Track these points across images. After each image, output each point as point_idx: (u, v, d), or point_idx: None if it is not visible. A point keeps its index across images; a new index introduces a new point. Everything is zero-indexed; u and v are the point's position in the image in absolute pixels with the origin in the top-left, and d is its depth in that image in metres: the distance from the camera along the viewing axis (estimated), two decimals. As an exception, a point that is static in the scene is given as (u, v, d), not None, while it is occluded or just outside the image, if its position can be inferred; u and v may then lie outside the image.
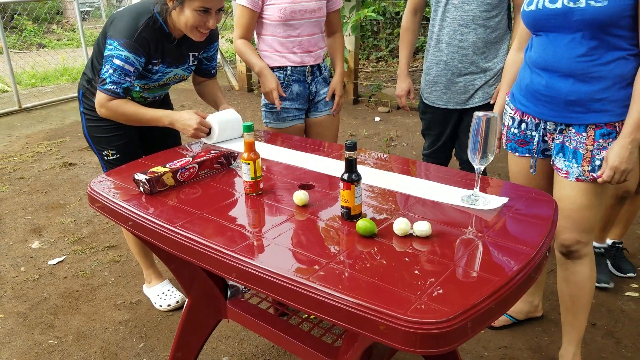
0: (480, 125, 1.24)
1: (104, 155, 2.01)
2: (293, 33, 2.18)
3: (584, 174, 1.58)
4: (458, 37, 2.14)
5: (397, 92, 2.44)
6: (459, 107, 2.26)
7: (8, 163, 4.12)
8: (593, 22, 1.45)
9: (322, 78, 2.33)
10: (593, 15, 1.44)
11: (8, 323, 2.23)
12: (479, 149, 1.26)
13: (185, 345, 1.73)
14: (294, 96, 2.27)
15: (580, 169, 1.59)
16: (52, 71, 7.47)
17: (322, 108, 2.36)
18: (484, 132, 1.24)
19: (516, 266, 1.04)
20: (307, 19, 2.18)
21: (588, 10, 1.45)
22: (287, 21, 2.15)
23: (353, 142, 1.22)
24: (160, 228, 1.27)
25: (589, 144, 1.56)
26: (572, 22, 1.49)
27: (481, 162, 1.29)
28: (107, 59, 1.77)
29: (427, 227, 1.16)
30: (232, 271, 1.13)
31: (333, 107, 2.34)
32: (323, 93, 2.34)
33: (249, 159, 1.41)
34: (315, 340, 1.44)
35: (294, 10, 2.13)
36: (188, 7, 1.72)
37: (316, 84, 2.31)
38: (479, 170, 1.32)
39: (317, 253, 1.13)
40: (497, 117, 1.24)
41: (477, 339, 2.05)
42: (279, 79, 2.23)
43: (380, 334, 0.94)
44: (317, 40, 2.26)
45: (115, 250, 2.78)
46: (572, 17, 1.48)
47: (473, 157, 1.29)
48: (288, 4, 2.11)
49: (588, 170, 1.58)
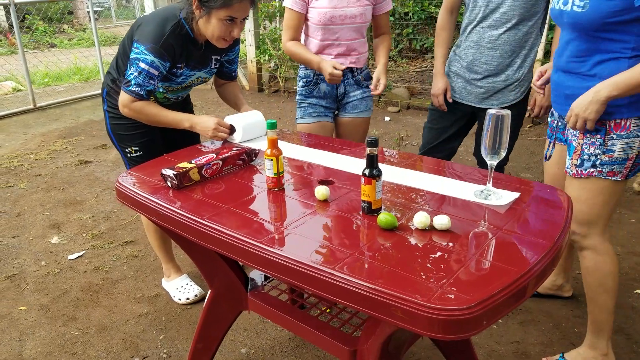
0: (492, 122, 1.29)
1: (127, 153, 2.07)
2: (331, 37, 2.23)
3: (571, 168, 1.68)
4: (487, 37, 2.14)
5: (434, 91, 2.37)
6: (474, 105, 2.28)
7: (25, 160, 4.20)
8: (576, 25, 1.55)
9: (354, 80, 2.34)
10: (575, 19, 1.54)
11: (31, 315, 2.29)
12: (492, 145, 1.32)
13: (206, 336, 1.78)
14: (321, 94, 2.33)
15: (569, 162, 1.69)
16: (65, 70, 7.57)
17: (350, 110, 2.38)
18: (497, 129, 1.30)
19: (533, 258, 1.09)
20: (347, 25, 2.21)
21: (572, 14, 1.55)
22: (326, 25, 2.19)
23: (374, 139, 1.27)
24: (189, 220, 1.33)
25: (580, 137, 1.65)
26: (564, 24, 1.61)
27: (493, 157, 1.34)
28: (133, 61, 1.83)
29: (447, 220, 1.21)
30: (259, 261, 1.19)
31: (373, 86, 2.23)
32: (353, 95, 2.35)
33: (272, 155, 1.46)
34: (334, 331, 1.48)
35: (334, 15, 2.17)
36: (215, 16, 1.77)
37: (346, 85, 2.34)
38: (492, 165, 1.37)
39: (340, 244, 1.18)
40: (509, 115, 1.30)
41: (489, 333, 2.09)
42: (309, 77, 2.31)
43: (403, 320, 0.99)
44: (356, 45, 2.28)
45: (133, 245, 2.85)
46: (563, 19, 1.60)
47: (485, 152, 1.34)
48: (329, 9, 2.16)
49: (576, 164, 1.67)
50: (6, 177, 3.86)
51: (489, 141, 1.32)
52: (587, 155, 1.63)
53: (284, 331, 2.13)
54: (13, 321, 2.25)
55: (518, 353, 1.99)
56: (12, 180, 3.79)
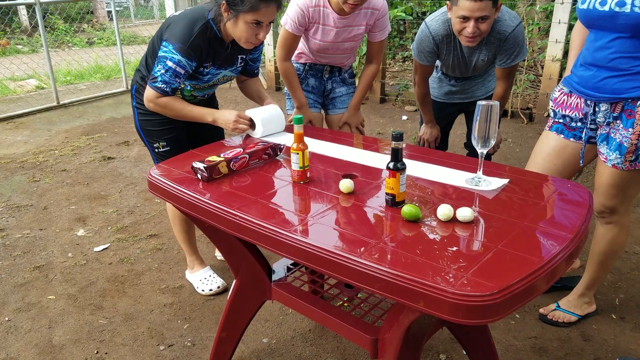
0: (482, 113, 1.38)
1: (155, 148, 2.14)
2: (323, 59, 2.41)
3: (624, 163, 1.78)
4: (467, 55, 2.38)
5: (427, 137, 2.76)
6: (462, 101, 2.64)
7: (50, 156, 4.31)
8: (637, 26, 1.58)
9: (340, 78, 2.51)
10: (636, 20, 1.57)
11: (60, 304, 2.37)
12: (483, 134, 1.40)
13: (230, 325, 1.84)
14: (309, 88, 2.50)
15: (617, 158, 1.79)
16: (87, 68, 7.71)
17: (339, 105, 2.54)
18: (487, 119, 1.38)
19: (555, 249, 1.12)
20: (339, 54, 2.39)
21: (632, 16, 1.57)
22: (319, 52, 2.36)
23: (399, 133, 1.31)
24: (220, 211, 1.38)
25: (634, 138, 1.71)
26: (618, 25, 1.62)
27: (483, 146, 1.42)
28: (161, 59, 1.89)
29: (470, 213, 1.25)
30: (288, 249, 1.24)
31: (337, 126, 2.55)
32: (339, 91, 2.53)
33: (298, 149, 1.51)
34: (356, 320, 1.53)
35: (328, 47, 2.33)
36: (242, 19, 1.83)
37: (333, 82, 2.51)
38: (482, 153, 1.46)
39: (365, 234, 1.23)
40: (498, 105, 1.38)
41: (507, 328, 2.12)
42: (299, 70, 2.46)
43: (427, 306, 1.03)
44: (344, 59, 2.45)
45: (157, 238, 2.92)
46: (617, 20, 1.61)
47: (476, 142, 1.43)
48: (324, 43, 2.30)
49: (630, 160, 1.77)
50: (32, 172, 3.96)
51: (480, 131, 1.40)
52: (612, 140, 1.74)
53: (304, 322, 2.18)
54: (42, 309, 2.33)
55: (536, 348, 2.01)
56: (38, 175, 3.89)
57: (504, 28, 2.21)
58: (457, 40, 2.29)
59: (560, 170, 1.94)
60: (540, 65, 5.68)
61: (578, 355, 1.97)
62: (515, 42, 2.23)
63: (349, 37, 2.30)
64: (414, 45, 2.40)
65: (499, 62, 2.32)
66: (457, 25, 2.12)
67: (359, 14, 2.24)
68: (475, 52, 2.33)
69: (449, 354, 1.99)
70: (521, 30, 2.24)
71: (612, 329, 2.10)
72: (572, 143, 1.91)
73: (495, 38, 2.24)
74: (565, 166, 1.94)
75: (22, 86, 6.84)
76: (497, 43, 2.26)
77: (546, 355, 1.97)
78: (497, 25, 2.21)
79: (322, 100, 2.55)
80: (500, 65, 2.33)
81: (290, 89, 2.39)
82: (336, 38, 2.28)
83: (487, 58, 2.33)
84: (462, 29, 2.12)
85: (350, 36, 2.30)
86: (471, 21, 2.06)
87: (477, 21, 2.06)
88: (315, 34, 2.27)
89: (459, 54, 2.36)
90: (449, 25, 2.25)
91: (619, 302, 2.26)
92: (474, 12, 2.03)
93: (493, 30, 2.21)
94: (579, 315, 2.12)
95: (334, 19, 2.22)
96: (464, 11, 2.04)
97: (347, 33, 2.28)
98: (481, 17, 2.05)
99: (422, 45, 2.35)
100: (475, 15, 2.04)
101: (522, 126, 4.77)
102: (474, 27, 2.07)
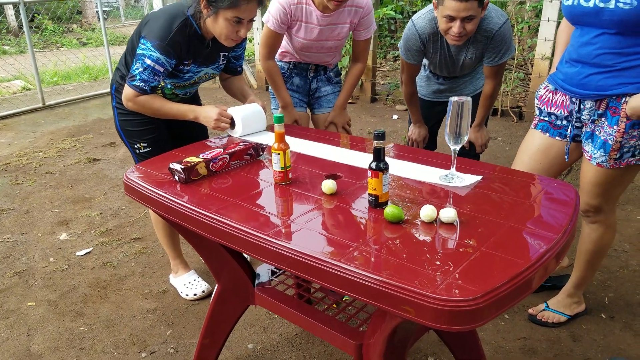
0: (453, 109, 1.36)
1: (136, 148, 2.09)
2: (306, 57, 2.37)
3: (609, 162, 1.75)
4: (454, 53, 2.35)
5: (415, 137, 2.72)
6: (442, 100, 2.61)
7: (34, 158, 4.23)
8: (622, 22, 1.55)
9: (325, 77, 2.47)
10: (622, 16, 1.54)
11: (39, 310, 2.31)
12: (454, 130, 1.38)
13: (213, 331, 1.79)
14: (294, 87, 2.46)
15: (602, 156, 1.76)
16: (74, 69, 7.62)
17: (325, 105, 2.50)
18: (458, 115, 1.36)
19: (540, 249, 1.09)
20: (323, 53, 2.35)
21: (617, 12, 1.55)
22: (302, 50, 2.32)
23: (381, 132, 1.27)
24: (197, 214, 1.33)
25: (618, 136, 1.68)
26: (603, 21, 1.59)
27: (456, 142, 1.41)
28: (139, 57, 1.84)
29: (453, 213, 1.21)
30: (267, 254, 1.19)
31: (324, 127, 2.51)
32: (324, 90, 2.49)
33: (279, 149, 1.46)
34: (340, 325, 1.49)
35: (311, 46, 2.29)
36: (222, 16, 1.78)
37: (318, 81, 2.47)
38: (455, 150, 1.45)
39: (347, 237, 1.19)
40: (469, 101, 1.35)
41: (496, 329, 2.08)
42: (283, 69, 2.41)
43: (409, 312, 0.99)
44: (328, 57, 2.41)
45: (141, 242, 2.86)
46: (602, 16, 1.58)
47: (448, 138, 1.41)
48: (307, 41, 2.26)
49: (615, 158, 1.73)
50: (15, 174, 3.89)
51: (452, 127, 1.39)
52: (627, 148, 1.70)
53: (290, 327, 2.14)
54: (21, 316, 2.27)
55: (525, 349, 1.98)
56: (21, 178, 3.82)
57: (491, 26, 2.17)
58: (444, 39, 2.25)
59: (546, 169, 1.91)
60: (530, 63, 5.67)
61: (568, 356, 1.94)
62: (503, 39, 2.20)
63: (332, 36, 2.26)
64: (401, 43, 2.36)
65: (487, 60, 2.29)
66: (443, 25, 2.09)
67: (343, 12, 2.20)
68: (463, 51, 2.29)
69: (437, 356, 1.95)
70: (508, 27, 2.21)
71: (602, 328, 2.08)
72: (557, 141, 1.88)
73: (483, 36, 2.21)
74: (551, 165, 1.91)
75: (8, 87, 6.74)
76: (484, 41, 2.22)
77: (535, 357, 1.94)
78: (484, 23, 2.17)
79: (307, 100, 2.51)
80: (488, 64, 2.30)
81: (275, 88, 2.34)
82: (320, 36, 2.24)
83: (475, 56, 2.30)
84: (448, 29, 2.08)
85: (334, 34, 2.26)
86: (457, 21, 2.03)
87: (463, 21, 2.03)
88: (298, 32, 2.22)
89: (446, 52, 2.32)
90: (435, 24, 2.21)
91: (608, 301, 2.23)
92: (459, 12, 2.00)
93: (480, 28, 2.18)
94: (569, 315, 2.10)
95: (317, 17, 2.17)
96: (450, 11, 2.01)
97: (331, 31, 2.24)
98: (467, 17, 2.02)
99: (409, 44, 2.32)
100: (461, 15, 2.01)
101: (512, 125, 4.75)
102: (460, 27, 2.04)
